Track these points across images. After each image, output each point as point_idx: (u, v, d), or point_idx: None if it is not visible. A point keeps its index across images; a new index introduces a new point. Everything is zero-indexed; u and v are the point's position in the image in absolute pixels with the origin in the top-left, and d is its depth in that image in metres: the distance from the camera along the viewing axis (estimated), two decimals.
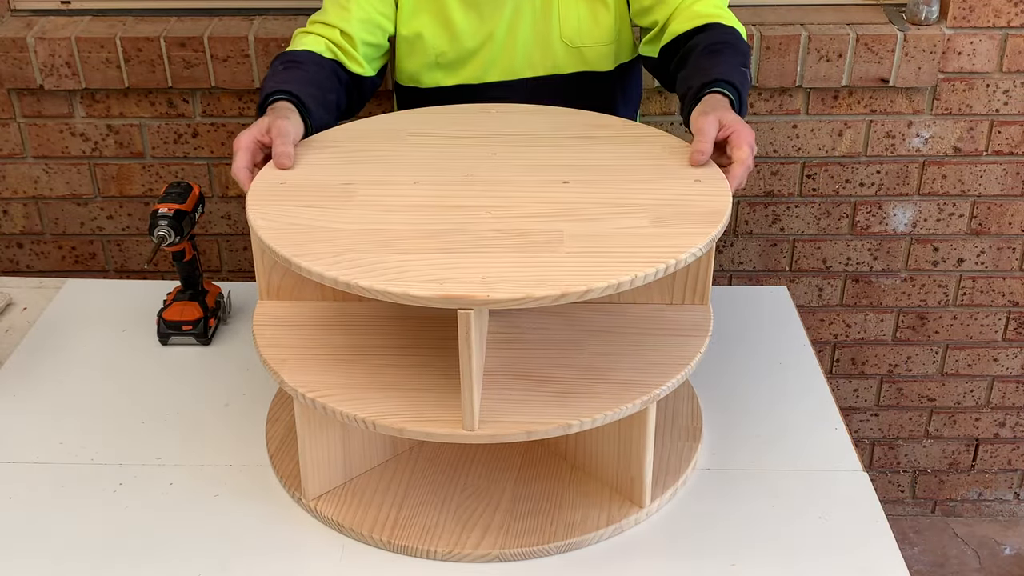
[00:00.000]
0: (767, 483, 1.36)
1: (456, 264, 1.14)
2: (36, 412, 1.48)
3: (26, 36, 2.05)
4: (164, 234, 1.51)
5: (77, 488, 1.35)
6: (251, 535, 1.28)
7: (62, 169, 2.20)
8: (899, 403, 2.44)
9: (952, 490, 2.55)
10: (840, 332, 2.36)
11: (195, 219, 1.56)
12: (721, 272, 2.29)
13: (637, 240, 1.19)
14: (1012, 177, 2.19)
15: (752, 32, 2.04)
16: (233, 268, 2.31)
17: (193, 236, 1.59)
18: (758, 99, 2.12)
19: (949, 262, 2.28)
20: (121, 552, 1.26)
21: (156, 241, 1.52)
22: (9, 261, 2.30)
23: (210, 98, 2.12)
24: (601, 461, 1.33)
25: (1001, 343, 2.37)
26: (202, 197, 1.59)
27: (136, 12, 2.13)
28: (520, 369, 1.26)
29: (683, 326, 1.33)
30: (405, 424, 1.18)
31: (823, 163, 2.19)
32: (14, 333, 1.64)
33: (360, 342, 1.31)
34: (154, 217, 1.52)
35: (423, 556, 1.25)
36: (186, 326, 1.59)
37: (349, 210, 1.27)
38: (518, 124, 1.48)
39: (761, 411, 1.48)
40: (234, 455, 1.40)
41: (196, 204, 1.57)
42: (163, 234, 1.51)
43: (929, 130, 2.15)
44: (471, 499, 1.32)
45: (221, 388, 1.52)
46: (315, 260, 1.16)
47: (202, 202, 1.59)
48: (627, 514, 1.29)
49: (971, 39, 2.06)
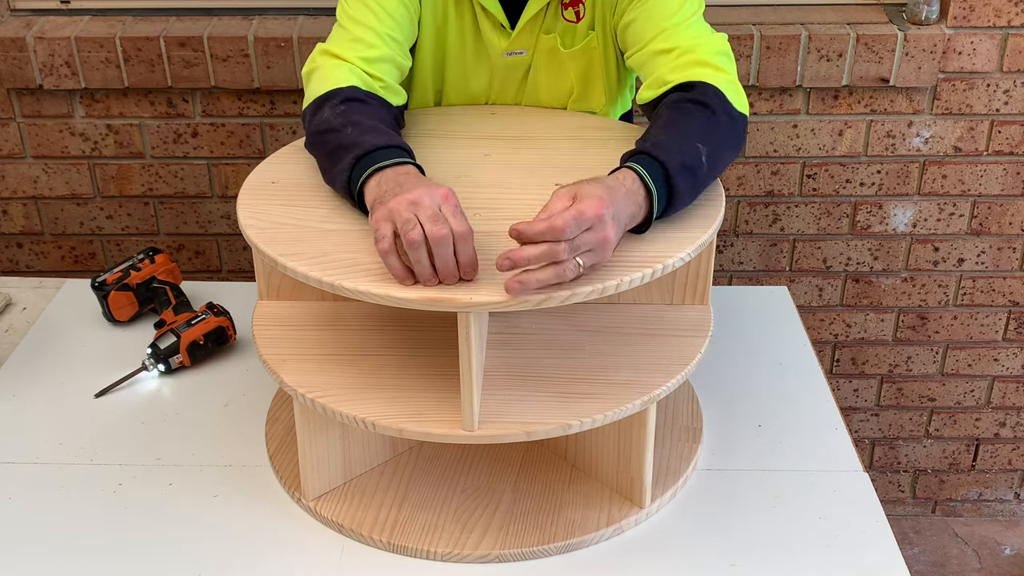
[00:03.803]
0: (767, 483, 1.36)
1: None
2: (36, 412, 1.48)
3: (26, 36, 2.05)
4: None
5: (77, 488, 1.35)
6: (251, 535, 1.28)
7: (61, 169, 2.20)
8: (899, 403, 2.44)
9: (952, 490, 2.55)
10: (840, 332, 2.36)
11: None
12: (721, 272, 2.29)
13: (625, 244, 1.18)
14: (1012, 177, 2.19)
15: (752, 32, 2.04)
16: (233, 268, 2.31)
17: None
18: (758, 99, 2.11)
19: (949, 262, 2.28)
20: (121, 552, 1.26)
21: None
22: (9, 261, 2.30)
23: (210, 98, 2.12)
24: (601, 461, 1.32)
25: (1001, 343, 2.37)
26: None
27: (136, 12, 2.13)
28: (520, 369, 1.26)
29: (683, 326, 1.33)
30: (405, 424, 1.18)
31: (823, 163, 2.18)
32: (14, 333, 1.64)
33: (360, 342, 1.31)
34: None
35: (423, 556, 1.25)
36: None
37: (339, 210, 1.27)
38: (514, 125, 1.48)
39: (761, 411, 1.48)
40: (234, 455, 1.40)
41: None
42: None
43: (929, 130, 2.15)
44: (471, 499, 1.32)
45: (221, 388, 1.52)
46: (301, 260, 1.16)
47: None
48: (627, 514, 1.29)
49: (971, 39, 2.06)
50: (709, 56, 1.35)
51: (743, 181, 2.19)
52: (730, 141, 1.30)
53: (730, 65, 1.36)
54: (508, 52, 1.51)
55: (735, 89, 1.33)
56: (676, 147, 1.22)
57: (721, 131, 1.28)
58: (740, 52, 2.04)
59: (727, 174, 2.18)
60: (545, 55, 1.52)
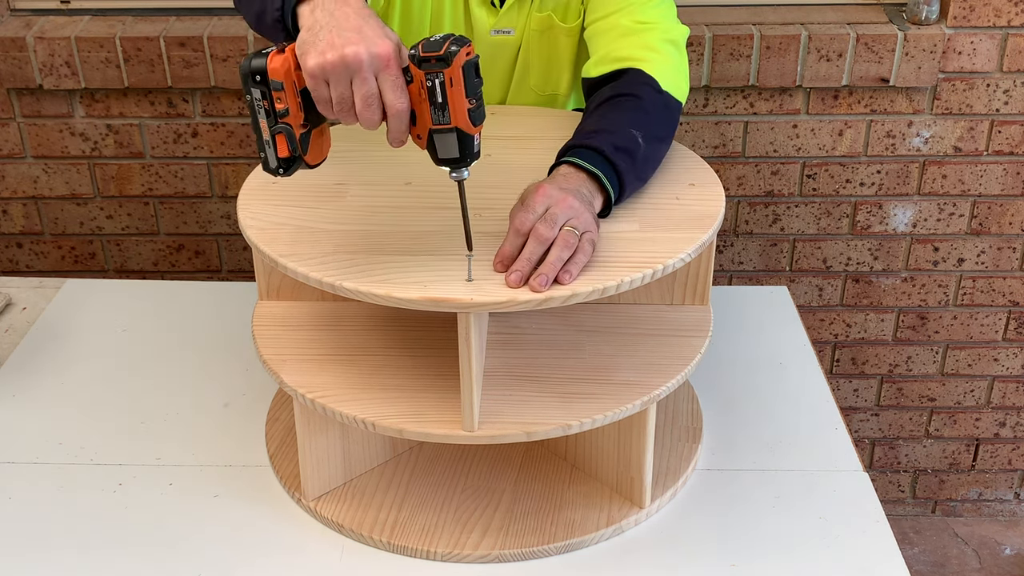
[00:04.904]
0: (767, 483, 1.36)
1: (443, 267, 1.14)
2: (36, 412, 1.48)
3: (26, 36, 2.05)
4: None
5: (77, 488, 1.35)
6: (251, 536, 1.28)
7: (61, 169, 2.20)
8: (899, 403, 2.44)
9: (952, 490, 2.55)
10: (840, 332, 2.36)
11: None
12: (721, 272, 2.29)
13: (625, 245, 1.19)
14: (1012, 177, 2.19)
15: (752, 32, 2.04)
16: (233, 268, 2.31)
17: None
18: (758, 99, 2.11)
19: (949, 262, 2.28)
20: (121, 552, 1.26)
21: None
22: (9, 261, 2.30)
23: (210, 98, 2.12)
24: (601, 461, 1.32)
25: (1001, 343, 2.37)
26: None
27: (136, 12, 2.13)
28: (520, 370, 1.26)
29: (683, 326, 1.33)
30: (405, 425, 1.18)
31: (823, 163, 2.18)
32: (13, 333, 1.64)
33: (360, 342, 1.31)
34: None
35: (423, 557, 1.25)
36: None
37: (339, 210, 1.27)
38: (514, 126, 1.48)
39: (761, 411, 1.48)
40: (234, 455, 1.40)
41: None
42: None
43: (929, 130, 2.15)
44: (471, 499, 1.32)
45: (221, 388, 1.52)
46: (301, 261, 1.16)
47: None
48: (627, 514, 1.29)
49: (971, 39, 2.06)
50: (656, 41, 1.37)
51: (743, 181, 2.19)
52: (665, 125, 1.32)
53: (674, 52, 1.38)
54: (495, 30, 1.50)
55: (673, 74, 1.35)
56: (606, 135, 1.24)
57: (654, 116, 1.30)
58: (740, 52, 2.04)
59: (727, 174, 2.18)
60: (537, 35, 1.50)
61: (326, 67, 1.04)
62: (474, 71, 1.05)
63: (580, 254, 1.12)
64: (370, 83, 1.04)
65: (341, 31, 1.05)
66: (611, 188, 1.22)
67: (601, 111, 1.32)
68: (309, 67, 1.05)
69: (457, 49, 1.03)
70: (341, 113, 1.07)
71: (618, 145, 1.24)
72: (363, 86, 1.04)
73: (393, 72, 1.05)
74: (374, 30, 1.05)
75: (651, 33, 1.38)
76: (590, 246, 1.13)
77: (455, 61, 1.03)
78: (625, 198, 1.25)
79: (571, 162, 1.22)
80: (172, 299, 1.73)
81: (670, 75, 1.34)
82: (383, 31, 1.06)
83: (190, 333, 1.64)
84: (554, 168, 1.25)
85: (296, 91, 1.08)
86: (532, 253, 1.11)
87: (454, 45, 1.03)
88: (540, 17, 1.48)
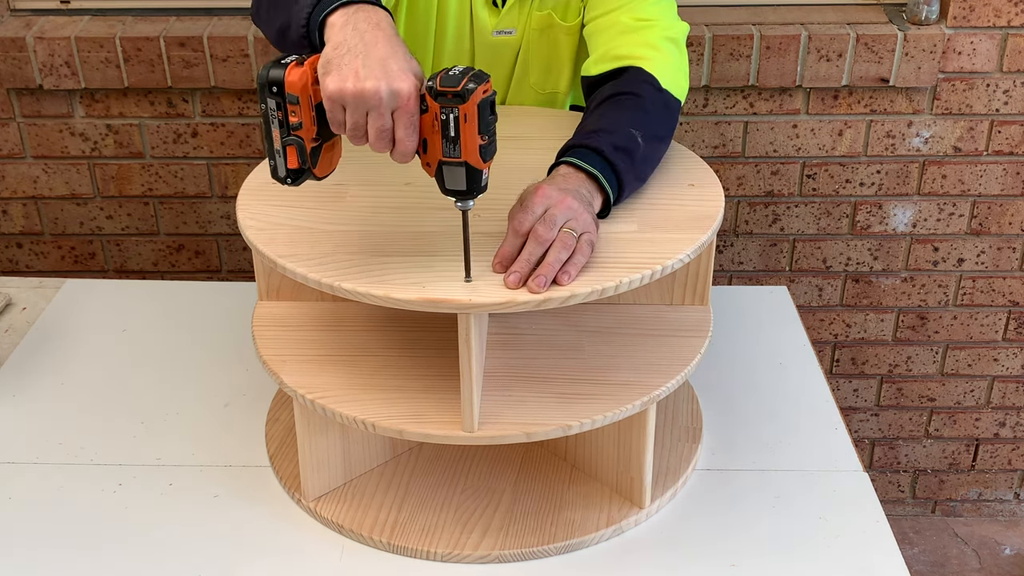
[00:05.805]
0: (767, 483, 1.36)
1: (441, 267, 1.14)
2: (36, 412, 1.48)
3: (25, 36, 2.05)
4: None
5: (77, 488, 1.35)
6: (251, 536, 1.28)
7: (61, 169, 2.20)
8: (899, 403, 2.44)
9: (952, 490, 2.55)
10: (840, 332, 2.36)
11: None
12: (721, 272, 2.29)
13: (624, 245, 1.19)
14: (1012, 177, 2.19)
15: (752, 32, 2.04)
16: (233, 268, 2.31)
17: None
18: (758, 99, 2.11)
19: (949, 262, 2.28)
20: (121, 552, 1.26)
21: None
22: (8, 261, 2.30)
23: (210, 98, 2.12)
24: (601, 462, 1.32)
25: (1001, 343, 2.37)
26: None
27: (136, 12, 2.13)
28: (520, 370, 1.26)
29: (683, 326, 1.33)
30: (405, 425, 1.18)
31: (823, 163, 2.18)
32: (13, 333, 1.64)
33: (360, 343, 1.31)
34: None
35: (423, 557, 1.25)
36: None
37: (338, 211, 1.27)
38: (514, 126, 1.48)
39: (761, 411, 1.48)
40: (234, 456, 1.40)
41: None
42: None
43: (929, 130, 2.15)
44: (471, 500, 1.32)
45: (221, 388, 1.52)
46: (300, 261, 1.16)
47: None
48: (627, 515, 1.29)
49: (971, 39, 2.06)
50: (656, 38, 1.37)
51: (743, 181, 2.20)
52: (665, 124, 1.33)
53: (674, 50, 1.38)
54: (496, 31, 1.50)
55: (673, 72, 1.35)
56: (605, 135, 1.25)
57: (653, 116, 1.30)
58: (740, 52, 2.04)
59: (727, 174, 2.18)
60: (537, 34, 1.50)
61: (345, 95, 1.05)
62: (489, 109, 1.05)
63: (579, 255, 1.12)
64: (385, 119, 1.05)
65: (367, 60, 1.05)
66: (610, 188, 1.22)
67: (601, 110, 1.32)
68: (329, 91, 1.05)
69: (475, 87, 1.03)
70: (353, 138, 1.08)
71: (617, 145, 1.24)
72: (378, 120, 1.05)
73: (409, 111, 1.05)
74: (399, 64, 1.06)
75: (651, 30, 1.38)
76: (589, 247, 1.13)
77: (471, 98, 1.03)
78: (624, 198, 1.25)
79: (570, 162, 1.23)
80: (172, 299, 1.73)
81: (670, 73, 1.35)
82: (408, 66, 1.06)
83: (190, 333, 1.64)
84: (553, 168, 1.25)
85: (311, 105, 1.08)
86: (531, 254, 1.12)
87: (472, 82, 1.03)
88: (540, 16, 1.49)
